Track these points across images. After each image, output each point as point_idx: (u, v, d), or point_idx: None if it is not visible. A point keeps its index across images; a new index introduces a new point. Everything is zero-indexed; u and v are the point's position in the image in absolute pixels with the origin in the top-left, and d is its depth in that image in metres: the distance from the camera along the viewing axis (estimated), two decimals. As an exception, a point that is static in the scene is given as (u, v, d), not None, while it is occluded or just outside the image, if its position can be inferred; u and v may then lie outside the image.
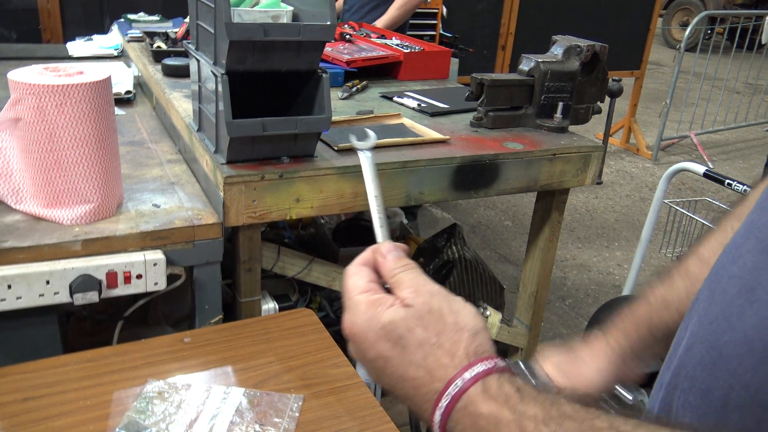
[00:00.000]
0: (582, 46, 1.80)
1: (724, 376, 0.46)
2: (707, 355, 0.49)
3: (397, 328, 0.54)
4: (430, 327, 0.53)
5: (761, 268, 0.46)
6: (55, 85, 1.17)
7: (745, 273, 0.48)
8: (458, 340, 0.52)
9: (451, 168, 1.57)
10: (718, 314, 0.49)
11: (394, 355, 0.54)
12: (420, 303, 0.55)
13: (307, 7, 1.40)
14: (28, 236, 1.21)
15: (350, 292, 0.60)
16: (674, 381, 0.53)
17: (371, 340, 0.55)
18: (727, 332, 0.47)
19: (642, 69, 5.33)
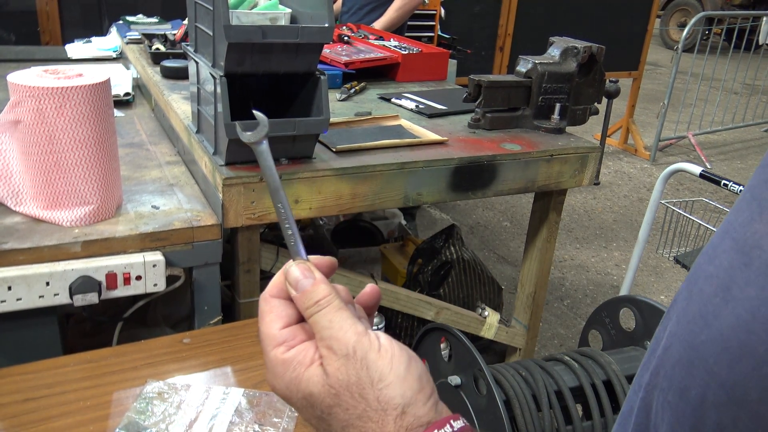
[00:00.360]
0: (579, 48, 1.81)
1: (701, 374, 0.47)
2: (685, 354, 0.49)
3: (317, 404, 0.49)
4: (350, 408, 0.48)
5: (736, 267, 0.47)
6: (55, 88, 1.18)
7: (721, 272, 0.48)
8: (384, 423, 0.47)
9: (449, 169, 1.58)
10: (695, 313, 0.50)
11: (321, 428, 0.50)
12: (333, 372, 0.49)
13: (305, 9, 1.40)
14: (28, 238, 1.22)
15: (264, 344, 0.53)
16: (653, 381, 0.53)
17: (296, 406, 0.51)
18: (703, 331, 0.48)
19: (640, 70, 5.34)
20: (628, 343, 1.63)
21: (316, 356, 0.50)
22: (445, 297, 2.14)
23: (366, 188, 1.50)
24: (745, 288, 0.45)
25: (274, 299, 0.54)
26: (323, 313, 0.51)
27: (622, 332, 1.68)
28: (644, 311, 1.59)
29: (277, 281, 0.55)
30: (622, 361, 1.49)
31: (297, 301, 0.52)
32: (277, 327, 0.52)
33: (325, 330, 0.50)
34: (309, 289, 0.52)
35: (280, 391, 0.51)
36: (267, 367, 0.52)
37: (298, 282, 0.52)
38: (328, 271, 0.55)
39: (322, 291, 0.52)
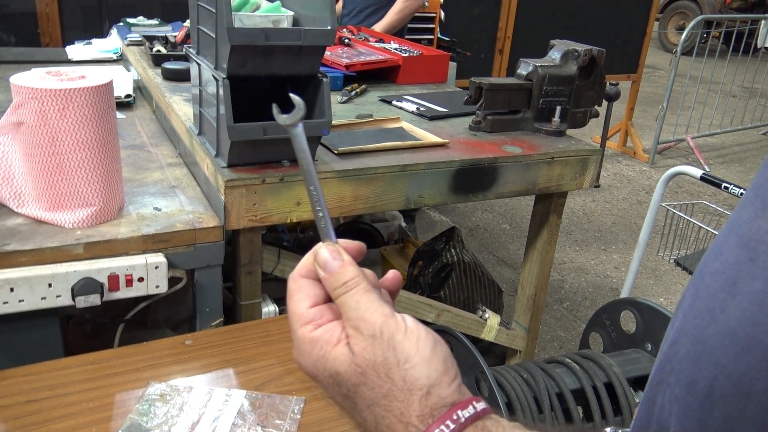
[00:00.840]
0: (580, 51, 1.81)
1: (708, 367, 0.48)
2: (692, 348, 0.50)
3: (343, 382, 0.50)
4: (375, 387, 0.48)
5: (742, 262, 0.48)
6: (58, 90, 1.18)
7: (727, 268, 0.49)
8: (409, 403, 0.47)
9: (450, 171, 1.58)
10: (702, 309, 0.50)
11: (347, 406, 0.51)
12: (361, 351, 0.49)
13: (307, 11, 1.41)
14: (30, 239, 1.22)
15: (291, 322, 0.54)
16: (659, 376, 0.54)
17: (323, 384, 0.52)
18: (711, 325, 0.49)
19: (638, 73, 5.36)
20: (629, 345, 1.64)
21: (343, 336, 0.51)
22: (445, 299, 2.15)
23: (367, 190, 1.51)
24: (752, 282, 0.45)
25: (302, 279, 0.54)
26: (351, 294, 0.51)
27: (623, 334, 1.68)
28: (645, 313, 1.60)
29: (306, 262, 0.55)
30: (622, 363, 1.49)
31: (325, 281, 0.53)
32: (305, 306, 0.53)
33: (352, 311, 0.50)
34: (337, 270, 0.52)
35: (307, 369, 0.52)
36: (294, 345, 0.53)
37: (327, 263, 0.53)
38: (356, 255, 0.56)
39: (350, 272, 0.52)
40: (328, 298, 0.54)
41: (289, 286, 0.55)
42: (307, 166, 0.56)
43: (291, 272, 0.56)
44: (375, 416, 0.48)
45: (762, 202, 0.49)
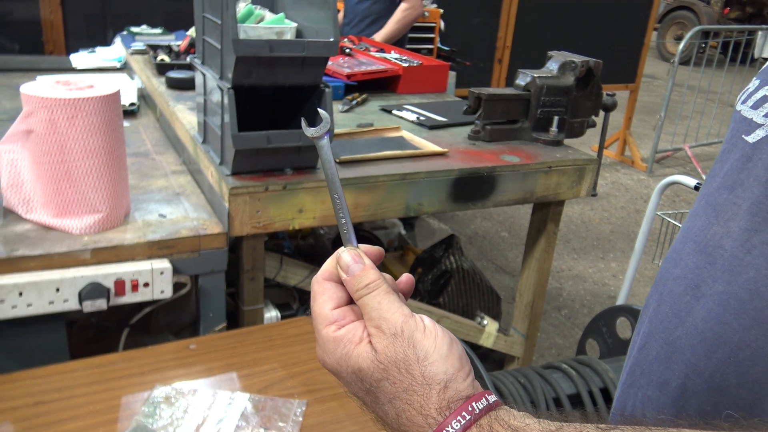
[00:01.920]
0: (577, 62, 1.84)
1: (679, 367, 0.50)
2: (662, 350, 0.53)
3: (365, 378, 0.52)
4: (396, 382, 0.51)
5: (702, 266, 0.51)
6: (67, 99, 1.21)
7: (688, 273, 0.52)
8: (428, 396, 0.50)
9: (449, 180, 1.61)
10: (668, 313, 0.53)
11: (369, 401, 0.53)
12: (383, 348, 0.52)
13: (310, 23, 1.44)
14: (38, 245, 1.25)
15: (316, 322, 0.56)
16: (630, 379, 0.57)
17: (346, 380, 0.54)
18: (678, 327, 0.52)
19: (636, 82, 5.40)
20: (625, 351, 1.66)
21: (365, 335, 0.54)
22: (444, 306, 2.17)
23: (368, 198, 1.53)
24: (713, 284, 0.49)
25: (326, 282, 0.57)
26: (373, 296, 0.54)
27: (619, 341, 1.70)
28: (640, 320, 1.62)
29: (328, 266, 0.58)
30: (618, 369, 1.51)
31: (347, 283, 0.56)
32: (328, 307, 0.56)
33: (374, 311, 0.53)
34: (359, 273, 0.55)
35: (331, 366, 0.55)
36: (318, 344, 0.56)
37: (349, 266, 0.56)
38: (375, 259, 0.59)
39: (371, 275, 0.55)
40: (350, 300, 0.57)
41: (313, 288, 0.58)
42: (332, 176, 0.60)
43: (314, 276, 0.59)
44: (396, 409, 0.51)
45: (713, 210, 0.53)
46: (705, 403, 0.48)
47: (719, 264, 0.49)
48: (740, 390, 0.46)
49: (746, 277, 0.47)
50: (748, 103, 0.54)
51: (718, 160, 0.56)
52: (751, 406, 0.46)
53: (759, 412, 0.45)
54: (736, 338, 0.46)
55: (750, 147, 0.51)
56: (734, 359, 0.46)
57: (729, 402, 0.47)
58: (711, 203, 0.53)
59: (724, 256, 0.49)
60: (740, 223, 0.49)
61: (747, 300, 0.46)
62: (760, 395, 0.45)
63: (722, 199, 0.52)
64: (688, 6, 11.03)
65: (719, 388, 0.47)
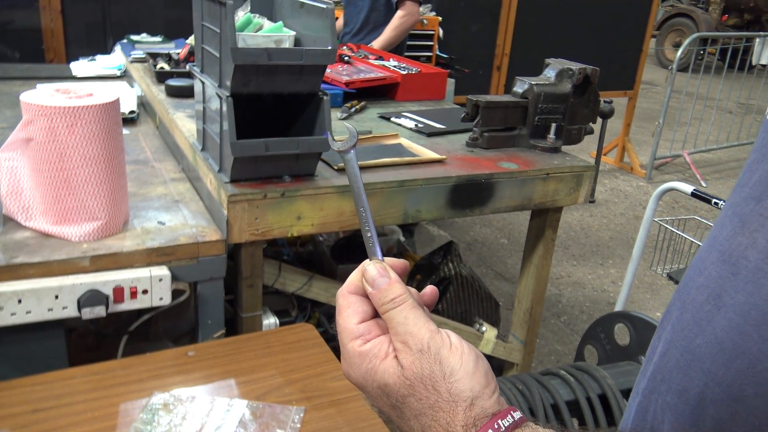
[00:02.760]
0: (574, 69, 1.86)
1: (698, 375, 0.51)
2: (682, 358, 0.53)
3: (392, 394, 0.52)
4: (423, 398, 0.51)
5: (725, 276, 0.51)
6: (67, 107, 1.22)
7: (711, 282, 0.53)
8: (454, 413, 0.50)
9: (447, 187, 1.62)
10: (689, 321, 0.54)
11: (394, 415, 0.53)
12: (408, 365, 0.52)
13: (308, 32, 1.45)
14: (37, 252, 1.25)
15: (341, 336, 0.56)
16: (651, 385, 0.57)
17: (371, 395, 0.54)
18: (699, 336, 0.52)
19: (635, 89, 5.42)
20: (623, 357, 1.66)
21: (391, 350, 0.53)
22: (443, 312, 2.17)
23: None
24: (735, 295, 0.49)
25: (351, 295, 0.57)
26: (399, 310, 0.54)
27: (617, 347, 1.71)
28: (638, 327, 1.62)
29: (354, 279, 0.58)
30: (616, 376, 1.51)
31: (373, 297, 0.55)
32: (354, 321, 0.56)
33: (401, 326, 0.53)
34: (385, 287, 0.55)
35: (356, 380, 0.55)
36: (343, 358, 0.55)
37: (375, 280, 0.56)
38: (400, 272, 0.58)
39: (397, 290, 0.55)
40: (375, 314, 0.56)
41: (338, 302, 0.58)
42: (357, 189, 0.60)
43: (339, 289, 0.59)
44: (422, 425, 0.51)
45: (740, 220, 0.53)
46: (722, 412, 0.48)
47: (742, 275, 0.49)
48: (757, 401, 0.46)
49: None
50: None
51: (747, 170, 0.56)
52: None
53: None
54: (755, 349, 0.46)
55: None
56: (752, 370, 0.46)
57: (746, 412, 0.47)
58: (738, 213, 0.53)
59: (748, 267, 0.49)
60: (766, 234, 0.49)
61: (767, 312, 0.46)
62: None
63: (749, 209, 0.52)
64: (686, 13, 11.08)
65: (737, 398, 0.47)
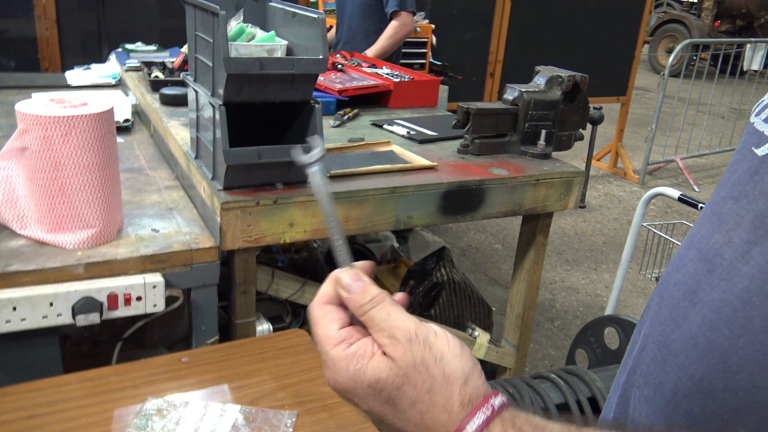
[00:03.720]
0: (563, 77, 1.88)
1: (673, 369, 0.53)
2: (658, 352, 0.55)
3: (384, 388, 0.53)
4: (418, 384, 0.52)
5: (701, 273, 0.53)
6: (61, 116, 1.23)
7: (688, 279, 0.55)
8: (450, 393, 0.51)
9: (438, 193, 1.64)
10: (666, 316, 0.56)
11: (387, 412, 0.53)
12: (400, 356, 0.52)
13: (300, 41, 1.47)
14: (32, 260, 1.26)
15: (322, 345, 0.56)
16: (630, 379, 0.59)
17: (360, 396, 0.54)
18: (674, 331, 0.54)
19: (628, 95, 5.46)
20: (613, 361, 1.68)
21: (376, 348, 0.54)
22: (436, 318, 2.19)
23: (359, 212, 1.56)
24: (710, 291, 0.51)
25: (326, 305, 0.58)
26: (380, 308, 0.55)
27: (607, 351, 1.72)
28: (627, 330, 1.64)
29: (325, 290, 0.59)
30: (606, 379, 1.53)
31: (351, 301, 0.56)
32: (334, 328, 0.56)
33: (384, 321, 0.54)
34: (361, 290, 0.56)
35: (343, 385, 0.55)
36: (327, 366, 0.56)
37: (350, 285, 0.57)
38: (368, 273, 0.59)
39: (374, 290, 0.56)
40: (352, 322, 0.57)
41: (312, 314, 0.58)
42: (324, 201, 0.62)
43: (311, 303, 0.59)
44: (419, 412, 0.52)
45: (718, 219, 0.55)
46: (694, 405, 0.50)
47: (717, 272, 0.51)
48: (726, 394, 0.48)
49: (741, 286, 0.48)
50: (761, 116, 0.55)
51: (728, 170, 0.58)
52: (736, 411, 0.47)
53: (743, 416, 0.47)
54: (726, 344, 0.48)
55: (758, 160, 0.53)
56: (723, 365, 0.48)
57: (715, 406, 0.49)
58: (716, 212, 0.55)
59: (723, 265, 0.51)
60: (742, 234, 0.50)
61: (739, 308, 0.48)
62: (744, 401, 0.47)
63: (727, 209, 0.53)
64: (679, 19, 11.17)
65: (708, 392, 0.49)
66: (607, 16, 5.05)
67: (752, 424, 0.46)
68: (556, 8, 4.77)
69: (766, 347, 0.46)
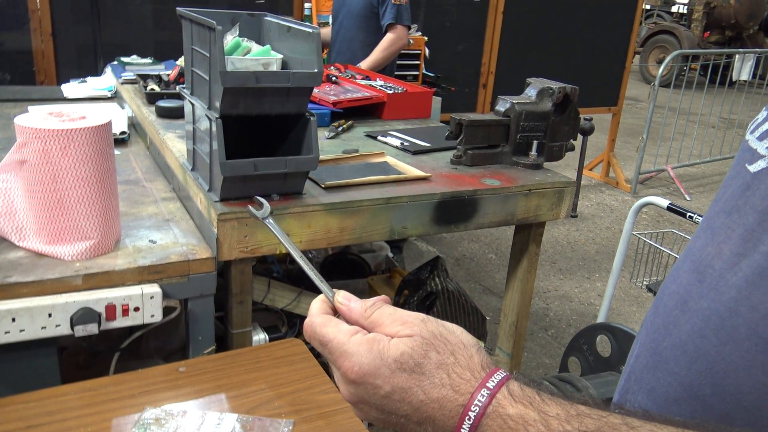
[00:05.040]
0: (554, 88, 1.91)
1: (664, 375, 0.55)
2: (651, 359, 0.57)
3: (411, 357, 0.55)
4: (441, 349, 0.55)
5: (692, 284, 0.56)
6: (60, 130, 1.25)
7: (681, 289, 0.57)
8: (470, 355, 0.55)
9: (432, 203, 1.66)
10: (659, 325, 0.58)
11: (413, 383, 0.55)
12: (420, 331, 0.56)
13: (295, 55, 1.50)
14: (31, 272, 1.28)
15: (339, 338, 0.59)
16: (626, 385, 0.62)
17: (386, 375, 0.56)
18: (666, 339, 0.56)
19: (619, 105, 5.51)
20: (605, 368, 1.70)
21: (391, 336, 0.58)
22: (430, 327, 2.20)
23: (353, 222, 1.58)
24: (699, 301, 0.54)
25: (325, 314, 0.62)
26: (384, 308, 0.60)
27: (600, 358, 1.74)
28: (619, 337, 1.66)
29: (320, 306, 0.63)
30: (598, 386, 1.55)
31: (354, 311, 0.61)
32: (344, 325, 0.60)
33: (391, 317, 0.58)
34: (361, 300, 0.61)
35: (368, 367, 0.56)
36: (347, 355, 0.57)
37: (350, 299, 0.62)
38: None
39: (372, 299, 0.61)
40: None
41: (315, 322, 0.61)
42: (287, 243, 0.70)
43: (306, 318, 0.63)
44: (446, 371, 0.55)
45: (711, 232, 0.57)
46: (684, 410, 0.52)
47: (707, 282, 0.53)
48: (714, 400, 0.50)
49: (728, 296, 0.50)
50: (755, 133, 0.57)
51: (723, 185, 0.60)
52: (723, 416, 0.49)
53: (730, 422, 0.49)
54: (713, 351, 0.50)
55: (750, 176, 0.55)
56: (710, 371, 0.50)
57: (704, 411, 0.51)
58: (710, 225, 0.58)
59: (713, 276, 0.53)
60: (732, 246, 0.53)
61: (726, 317, 0.50)
62: (731, 406, 0.49)
63: (720, 222, 0.56)
64: (669, 30, 11.29)
65: (697, 397, 0.51)
66: (598, 28, 5.11)
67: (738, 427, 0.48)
68: (547, 20, 4.82)
69: (750, 354, 0.48)
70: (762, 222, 0.51)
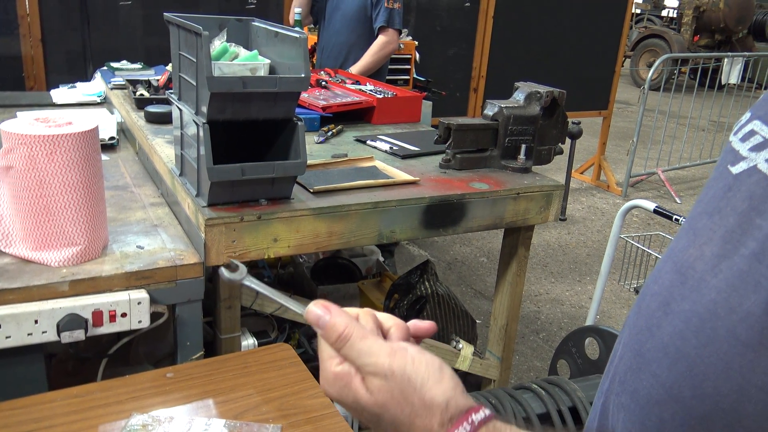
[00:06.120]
0: (542, 92, 1.92)
1: (646, 377, 0.55)
2: (633, 361, 0.58)
3: (367, 408, 0.57)
4: (397, 413, 0.55)
5: (675, 285, 0.56)
6: (46, 136, 1.25)
7: (663, 290, 0.57)
8: (431, 416, 0.54)
9: (420, 208, 1.67)
10: (642, 326, 0.59)
11: (374, 423, 0.57)
12: (377, 390, 0.56)
13: (283, 59, 1.50)
14: (17, 278, 1.27)
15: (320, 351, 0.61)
16: (610, 387, 0.62)
17: (349, 407, 0.59)
18: (648, 340, 0.57)
19: (609, 109, 5.54)
20: (594, 371, 1.71)
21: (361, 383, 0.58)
22: (421, 331, 2.20)
23: (342, 226, 1.58)
24: (681, 302, 0.54)
25: None
26: (348, 346, 0.58)
27: (588, 361, 1.75)
28: (607, 340, 1.67)
29: None
30: (587, 388, 1.56)
31: (327, 338, 0.60)
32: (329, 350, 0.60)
33: (357, 360, 0.58)
34: (329, 326, 0.59)
35: (332, 394, 0.60)
36: (321, 375, 0.61)
37: (319, 318, 0.61)
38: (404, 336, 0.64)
39: (339, 326, 0.59)
40: None
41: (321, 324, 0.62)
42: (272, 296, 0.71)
43: None
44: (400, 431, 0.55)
45: (693, 234, 0.58)
46: (665, 412, 0.52)
47: (689, 284, 0.53)
48: (694, 402, 0.50)
49: (709, 298, 0.51)
50: (738, 134, 0.58)
51: (706, 187, 0.61)
52: (702, 417, 0.50)
53: (709, 423, 0.49)
54: (693, 353, 0.51)
55: (732, 178, 0.55)
56: (690, 373, 0.50)
57: (683, 412, 0.51)
58: (692, 227, 0.58)
59: (694, 277, 0.53)
60: (713, 248, 0.53)
61: (706, 319, 0.50)
62: (710, 408, 0.49)
63: (702, 224, 0.56)
64: (659, 34, 11.36)
65: (677, 399, 0.51)
66: (589, 32, 5.14)
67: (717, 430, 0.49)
68: (537, 24, 4.85)
69: (729, 357, 0.48)
70: (742, 224, 0.51)
